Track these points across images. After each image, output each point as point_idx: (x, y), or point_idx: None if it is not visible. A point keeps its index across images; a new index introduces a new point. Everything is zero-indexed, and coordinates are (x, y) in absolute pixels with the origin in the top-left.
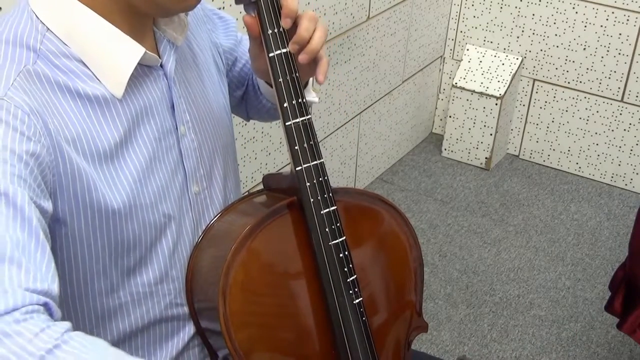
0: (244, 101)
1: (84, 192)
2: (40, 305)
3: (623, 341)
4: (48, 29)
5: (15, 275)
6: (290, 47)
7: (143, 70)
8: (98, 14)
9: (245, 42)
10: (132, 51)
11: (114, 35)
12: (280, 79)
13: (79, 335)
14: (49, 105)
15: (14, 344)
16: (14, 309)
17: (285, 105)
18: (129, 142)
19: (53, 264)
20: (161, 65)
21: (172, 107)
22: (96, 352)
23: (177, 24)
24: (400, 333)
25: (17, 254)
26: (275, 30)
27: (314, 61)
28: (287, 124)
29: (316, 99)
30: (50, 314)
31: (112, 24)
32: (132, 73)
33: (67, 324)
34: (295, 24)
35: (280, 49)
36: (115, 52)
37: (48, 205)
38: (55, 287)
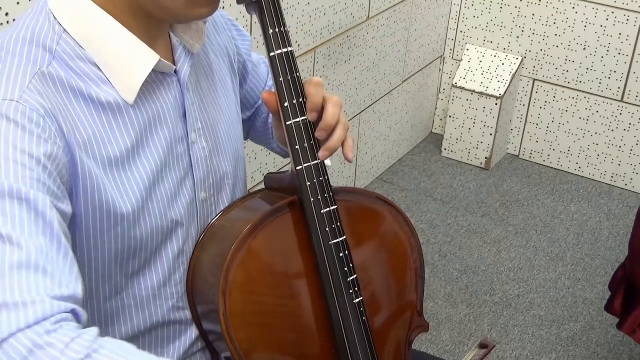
0: (248, 126)
1: (94, 194)
2: (68, 312)
3: (623, 341)
4: (65, 30)
5: (41, 283)
6: (318, 134)
7: (157, 77)
8: (115, 19)
9: (263, 68)
10: (146, 58)
11: (130, 42)
12: (281, 79)
13: (108, 341)
14: (62, 107)
15: (47, 355)
16: (44, 319)
17: (285, 104)
18: (140, 149)
19: (76, 266)
20: (175, 72)
21: (184, 114)
22: (126, 357)
23: (194, 31)
24: (401, 333)
25: (41, 260)
26: (277, 30)
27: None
28: (287, 123)
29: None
30: (78, 319)
31: (129, 29)
32: (147, 79)
33: (95, 331)
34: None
35: (281, 49)
36: (129, 59)
37: (67, 206)
38: (80, 289)
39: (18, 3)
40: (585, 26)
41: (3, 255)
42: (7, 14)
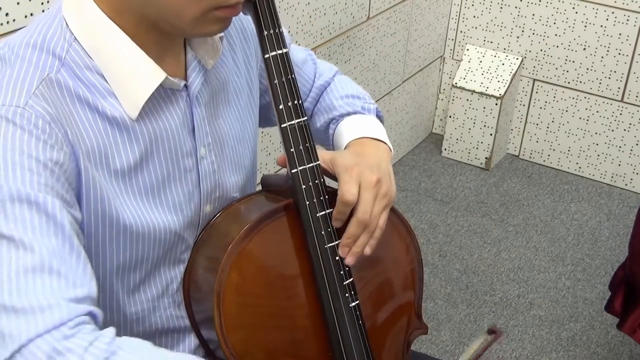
0: None
1: (97, 202)
2: (85, 315)
3: (623, 341)
4: (75, 38)
5: (56, 286)
6: (340, 251)
7: (165, 92)
8: (125, 32)
9: (308, 68)
10: (152, 76)
11: (137, 57)
12: (276, 81)
13: (126, 341)
14: (68, 114)
15: None
16: (61, 324)
17: (280, 107)
18: (144, 163)
19: (89, 266)
20: (186, 87)
21: (193, 129)
22: (144, 357)
23: (209, 46)
24: (399, 335)
25: (54, 262)
26: (272, 32)
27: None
28: (282, 126)
29: None
30: (95, 320)
31: (139, 44)
32: (153, 94)
33: (112, 331)
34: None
35: (276, 50)
36: (135, 75)
37: (77, 212)
38: (94, 287)
39: (18, 3)
40: (585, 26)
41: (17, 260)
42: (7, 14)
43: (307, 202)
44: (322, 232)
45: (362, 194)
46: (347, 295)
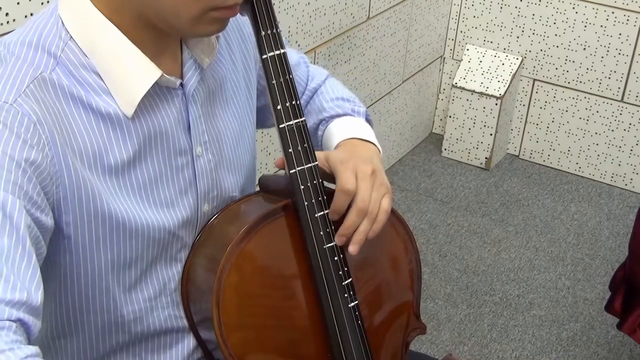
0: None
1: (89, 202)
2: (13, 321)
3: (623, 341)
4: (71, 37)
5: None
6: (337, 240)
7: (160, 90)
8: (122, 31)
9: (301, 69)
10: (147, 74)
11: (133, 56)
12: (274, 81)
13: None
14: (60, 115)
15: None
16: None
17: (279, 107)
18: (138, 161)
19: (38, 273)
20: (182, 85)
21: (189, 127)
22: None
23: (206, 45)
24: (398, 335)
25: None
26: (269, 32)
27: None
28: (280, 126)
29: None
30: (27, 329)
31: (135, 43)
32: (149, 92)
33: (32, 349)
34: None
35: (274, 51)
36: (131, 73)
37: (47, 217)
38: (38, 296)
39: (18, 3)
40: (585, 26)
41: None
42: (7, 14)
43: (306, 203)
44: (321, 233)
45: (359, 184)
46: (346, 295)
